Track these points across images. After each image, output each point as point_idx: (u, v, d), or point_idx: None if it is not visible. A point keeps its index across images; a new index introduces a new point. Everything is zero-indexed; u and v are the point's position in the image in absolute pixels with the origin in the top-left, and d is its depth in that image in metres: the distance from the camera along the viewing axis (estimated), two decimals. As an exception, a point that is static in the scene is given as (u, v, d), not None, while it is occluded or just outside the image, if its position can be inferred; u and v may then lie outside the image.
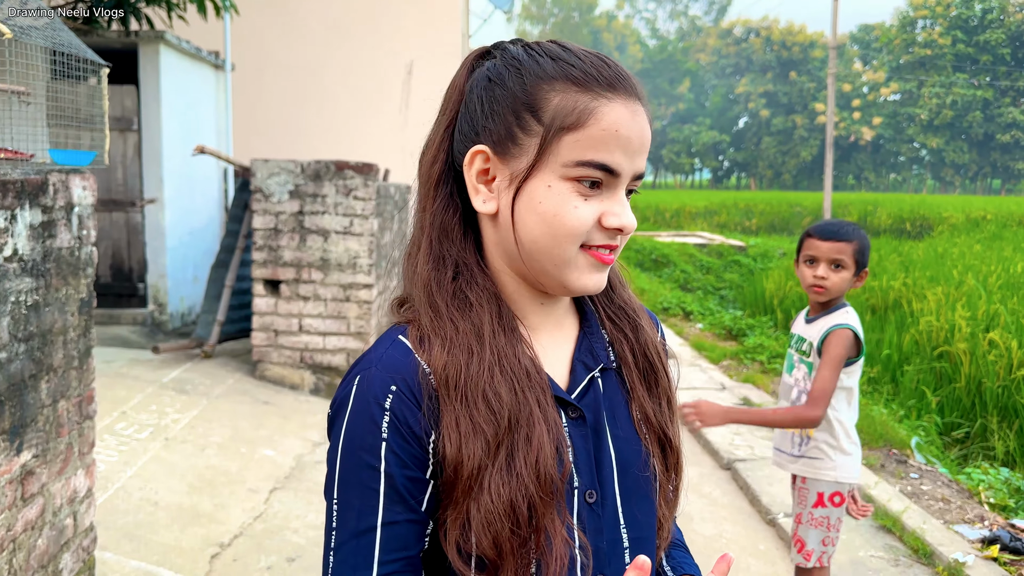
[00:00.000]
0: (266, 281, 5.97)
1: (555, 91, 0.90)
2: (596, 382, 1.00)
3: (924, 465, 5.22)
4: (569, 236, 0.90)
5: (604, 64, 0.92)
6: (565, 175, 0.89)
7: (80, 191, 2.42)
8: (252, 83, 10.03)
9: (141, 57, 7.25)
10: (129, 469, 4.11)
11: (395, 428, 0.88)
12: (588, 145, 0.88)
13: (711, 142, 69.69)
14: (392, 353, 0.93)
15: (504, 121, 0.92)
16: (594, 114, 0.89)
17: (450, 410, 0.89)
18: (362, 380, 0.91)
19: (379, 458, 0.88)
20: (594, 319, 1.05)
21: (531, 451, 0.89)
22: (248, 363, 6.22)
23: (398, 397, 0.89)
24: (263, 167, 5.89)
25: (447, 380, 0.90)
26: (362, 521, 0.88)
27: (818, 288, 2.63)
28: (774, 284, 11.92)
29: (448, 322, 0.93)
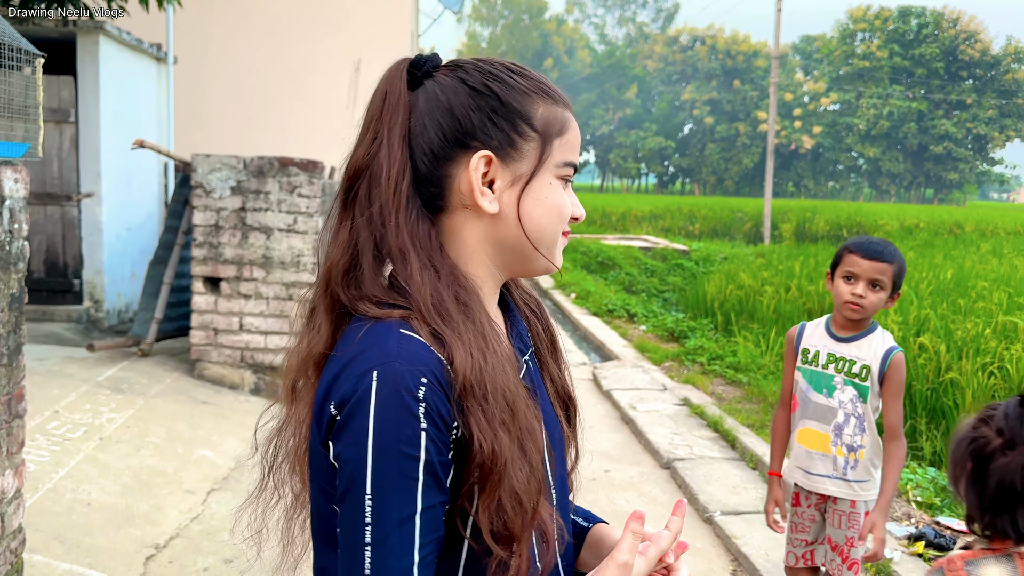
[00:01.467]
0: (206, 279, 5.87)
1: (537, 104, 1.05)
2: (529, 365, 1.11)
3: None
4: (564, 219, 1.08)
5: (557, 93, 1.10)
6: (557, 174, 1.06)
7: (12, 183, 2.36)
8: (195, 77, 9.85)
9: (79, 47, 7.07)
10: (61, 469, 4.00)
11: (431, 418, 0.92)
12: (568, 149, 1.07)
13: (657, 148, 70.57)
14: (410, 347, 0.95)
15: (504, 129, 1.03)
16: (568, 123, 1.07)
17: (476, 408, 0.94)
18: (384, 374, 0.92)
19: (419, 448, 0.91)
20: (515, 308, 1.16)
21: (532, 436, 0.99)
22: (187, 362, 6.11)
23: (430, 388, 0.92)
24: (204, 162, 5.79)
25: (472, 380, 0.95)
26: (403, 510, 0.91)
27: (855, 306, 2.60)
28: (715, 288, 12.14)
29: (460, 325, 0.98)
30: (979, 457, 1.44)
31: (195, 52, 9.72)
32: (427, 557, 0.93)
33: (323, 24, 10.72)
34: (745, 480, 4.86)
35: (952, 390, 6.40)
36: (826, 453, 2.73)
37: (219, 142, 9.59)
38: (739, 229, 28.48)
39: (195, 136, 9.43)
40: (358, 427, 0.91)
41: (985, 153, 66.33)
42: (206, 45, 10.07)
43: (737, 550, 3.98)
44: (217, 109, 10.26)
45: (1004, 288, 9.97)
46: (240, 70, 10.37)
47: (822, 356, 2.74)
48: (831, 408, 2.72)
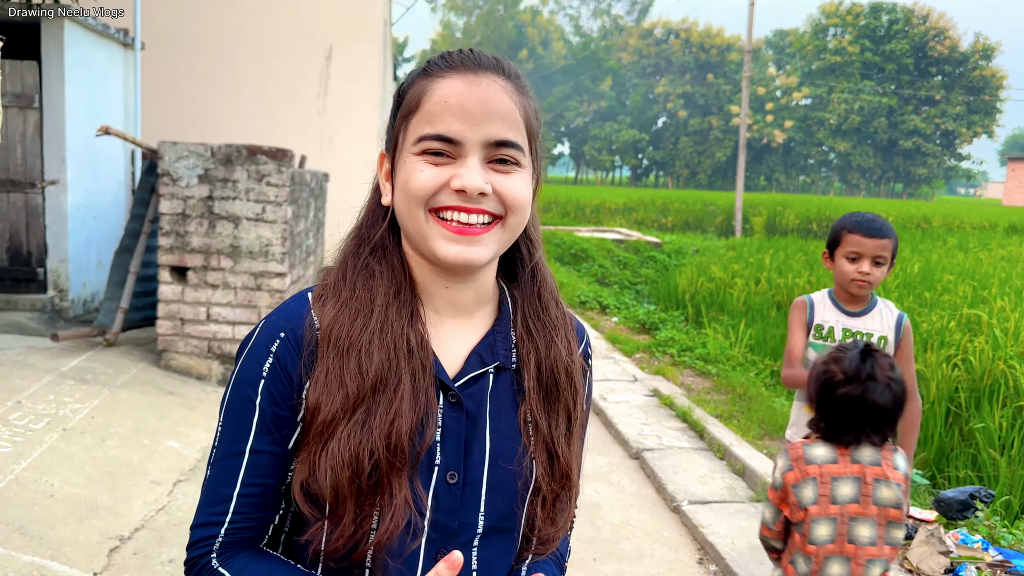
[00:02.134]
0: (172, 268, 5.80)
1: (412, 87, 1.02)
2: (487, 377, 1.06)
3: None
4: (415, 198, 0.99)
5: (455, 52, 1.03)
6: (414, 152, 0.99)
7: (-31, 168, 2.31)
8: (162, 63, 9.71)
9: (44, 32, 6.93)
10: (23, 460, 3.94)
11: (275, 370, 0.99)
12: (425, 121, 0.99)
13: (631, 140, 70.77)
14: (291, 305, 1.04)
15: (389, 125, 1.07)
16: (427, 92, 0.99)
17: (324, 362, 0.98)
18: (263, 325, 1.03)
19: (256, 393, 1.00)
20: (507, 319, 1.10)
21: (388, 415, 0.96)
22: (153, 352, 6.03)
23: (283, 344, 1.00)
24: (171, 150, 5.71)
25: (329, 334, 0.99)
26: (235, 444, 1.00)
27: (862, 283, 2.68)
28: (687, 280, 12.22)
29: (348, 285, 1.03)
30: (826, 384, 2.14)
31: (163, 38, 9.58)
32: (249, 496, 1.00)
33: (294, 12, 10.60)
34: (712, 470, 4.90)
35: (919, 381, 6.50)
36: None
37: (187, 130, 9.47)
38: (711, 222, 28.67)
39: (162, 123, 9.31)
40: (236, 363, 1.04)
41: (953, 149, 67.29)
42: (174, 31, 9.92)
43: (704, 539, 4.02)
44: (185, 96, 10.12)
45: (969, 281, 10.14)
46: (209, 57, 10.24)
47: (837, 331, 2.78)
48: None
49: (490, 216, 0.99)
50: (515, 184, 1.00)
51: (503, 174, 0.99)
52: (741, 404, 6.20)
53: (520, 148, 1.00)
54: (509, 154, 0.99)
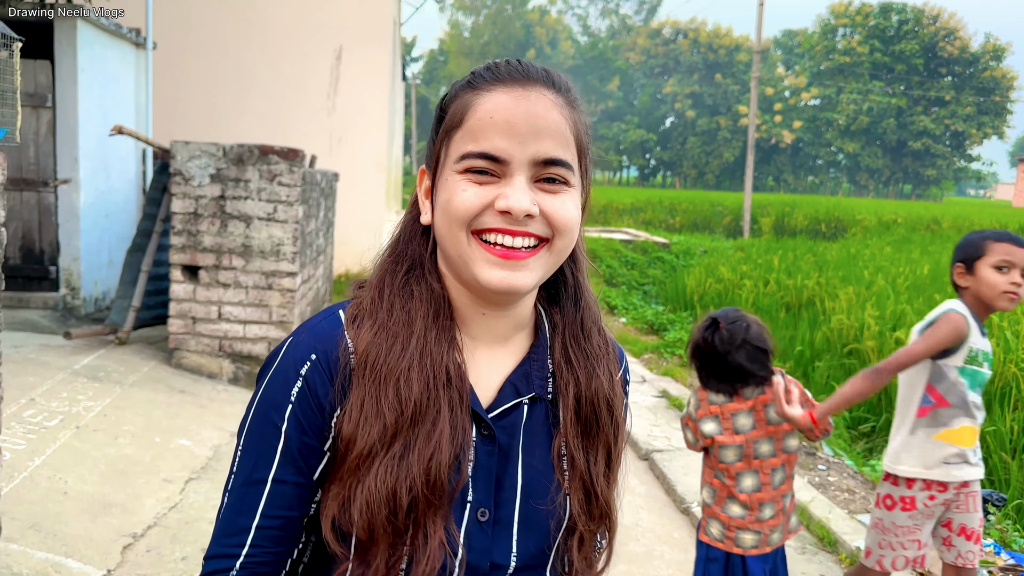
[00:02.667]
0: (184, 267, 5.82)
1: (455, 100, 0.96)
2: (521, 408, 1.00)
3: (832, 457, 5.44)
4: (457, 218, 0.92)
5: (502, 63, 0.96)
6: (456, 170, 0.93)
7: (-11, 168, 2.33)
8: (174, 63, 9.75)
9: (57, 31, 6.97)
10: (37, 458, 3.97)
11: (304, 395, 0.93)
12: (468, 137, 0.92)
13: (639, 140, 70.69)
14: (323, 325, 0.97)
15: (431, 140, 1.01)
16: (472, 107, 0.93)
17: (360, 388, 0.92)
18: (291, 344, 0.96)
19: (283, 419, 0.93)
20: (544, 347, 1.04)
21: (427, 448, 0.90)
22: (164, 351, 6.06)
23: (314, 367, 0.93)
24: (183, 149, 5.74)
25: (366, 359, 0.93)
26: (256, 472, 0.94)
27: (1013, 295, 2.55)
28: (695, 281, 12.20)
29: (386, 307, 0.97)
30: (701, 352, 2.63)
31: (174, 38, 9.61)
32: (268, 528, 0.94)
33: (304, 11, 10.63)
34: (722, 472, 4.90)
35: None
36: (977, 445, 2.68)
37: (198, 129, 9.51)
38: (719, 223, 28.61)
39: (174, 122, 9.34)
40: (259, 384, 0.97)
41: (963, 150, 67.02)
42: (185, 31, 9.96)
43: (714, 541, 4.02)
44: (196, 95, 10.16)
45: (979, 284, 10.08)
46: (220, 57, 10.27)
47: (980, 357, 2.62)
48: (979, 402, 2.66)
49: (536, 239, 0.93)
50: (563, 205, 0.94)
51: (551, 194, 0.93)
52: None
53: (570, 167, 0.94)
54: (558, 173, 0.93)
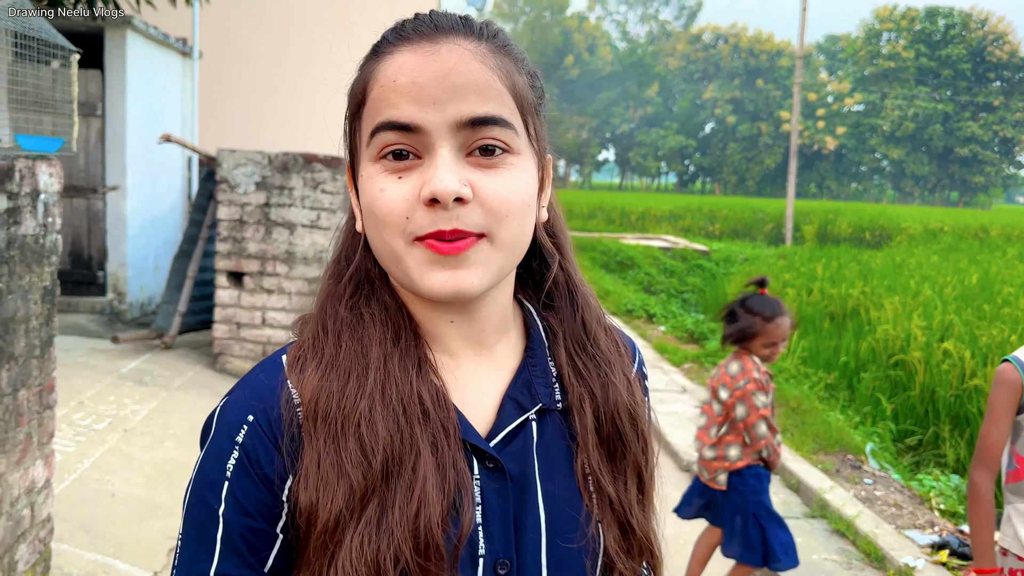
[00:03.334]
0: (229, 273, 5.91)
1: (359, 74, 0.80)
2: (529, 426, 0.82)
3: (878, 471, 5.33)
4: (385, 228, 0.74)
5: (409, 20, 0.78)
6: (371, 157, 0.75)
7: (46, 178, 2.39)
8: (220, 71, 9.91)
9: (107, 42, 7.13)
10: (86, 460, 4.04)
11: (243, 468, 0.75)
12: (373, 111, 0.75)
13: (677, 146, 70.29)
14: (260, 376, 0.79)
15: (345, 128, 0.84)
16: (373, 75, 0.76)
17: (313, 447, 0.74)
18: (225, 405, 0.78)
19: (219, 500, 0.75)
20: (540, 347, 0.86)
21: (410, 504, 0.72)
22: (209, 355, 6.15)
23: (253, 431, 0.75)
24: (230, 157, 5.83)
25: (315, 409, 0.75)
26: (195, 567, 0.76)
27: None
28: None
29: (332, 339, 0.79)
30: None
31: (220, 47, 9.78)
32: None
33: (345, 20, 10.75)
34: (766, 484, 4.82)
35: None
36: None
37: (242, 137, 9.65)
38: (760, 230, 28.31)
39: (218, 130, 9.50)
40: (198, 459, 0.79)
41: (1012, 156, 65.56)
42: (231, 40, 10.13)
43: (758, 555, 3.96)
44: (241, 104, 10.32)
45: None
46: (264, 65, 10.43)
47: None
48: None
49: (471, 234, 0.73)
50: (504, 183, 0.73)
51: (488, 169, 0.73)
52: (795, 418, 6.10)
53: (508, 124, 0.74)
54: (495, 137, 0.73)
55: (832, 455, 5.43)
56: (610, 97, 72.94)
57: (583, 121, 71.89)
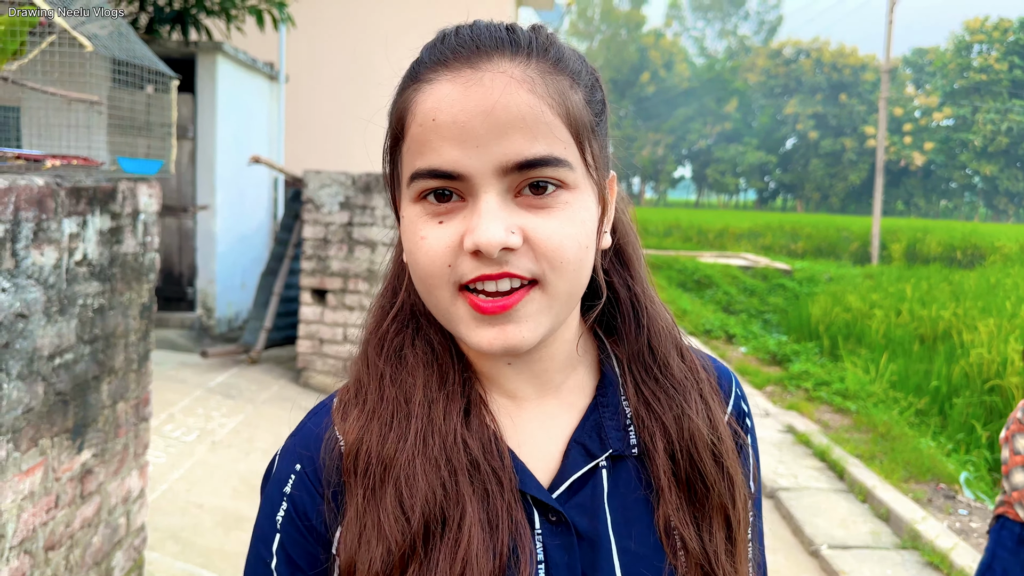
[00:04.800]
0: (313, 290, 6.05)
1: (398, 98, 0.72)
2: (599, 474, 0.74)
3: (973, 502, 5.09)
4: (428, 278, 0.68)
5: (449, 34, 0.71)
6: (411, 197, 0.69)
7: (146, 199, 2.49)
8: (305, 94, 10.20)
9: (199, 67, 7.42)
10: (176, 471, 4.18)
11: (291, 520, 0.72)
12: (413, 151, 0.68)
13: (757, 163, 69.08)
14: (309, 423, 0.76)
15: (384, 152, 0.78)
16: (411, 110, 0.69)
17: (354, 501, 0.70)
18: (279, 455, 0.76)
19: (271, 554, 0.73)
20: (613, 387, 0.78)
21: (453, 568, 0.66)
22: (292, 370, 6.29)
23: (300, 480, 0.73)
24: (315, 178, 5.98)
25: (355, 460, 0.71)
26: None
27: None
28: (820, 309, 11.75)
29: (374, 384, 0.74)
30: None
31: (305, 70, 10.08)
32: None
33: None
34: (854, 513, 4.66)
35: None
36: None
37: (326, 157, 9.90)
38: (845, 248, 27.52)
39: (304, 152, 9.77)
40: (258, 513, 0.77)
41: (1115, 171, 62.22)
42: (316, 64, 10.42)
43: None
44: (326, 125, 10.59)
45: None
46: (348, 88, 10.68)
47: None
48: None
49: (521, 280, 0.66)
50: (559, 226, 0.66)
51: (539, 210, 0.66)
52: (884, 444, 5.88)
53: (561, 163, 0.66)
54: (547, 176, 0.66)
55: (924, 484, 5.21)
56: (687, 113, 72.26)
57: (659, 138, 71.41)
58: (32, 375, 1.93)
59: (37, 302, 1.93)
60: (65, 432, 2.12)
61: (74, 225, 2.08)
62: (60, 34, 2.24)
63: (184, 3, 5.97)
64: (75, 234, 2.09)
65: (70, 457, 2.14)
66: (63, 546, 2.15)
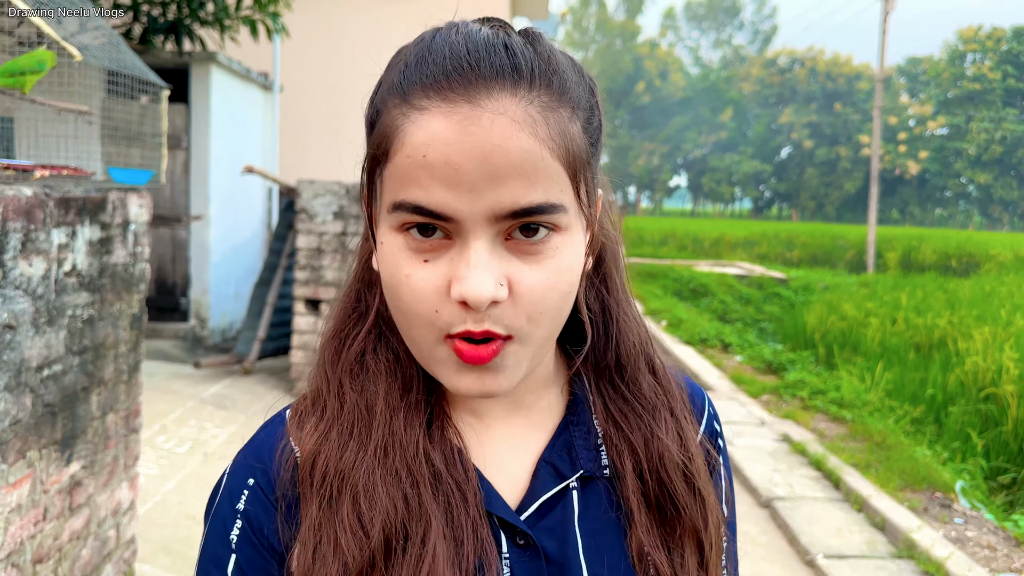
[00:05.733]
0: (307, 300, 6.03)
1: (385, 109, 0.65)
2: (570, 495, 0.71)
3: (969, 510, 5.08)
4: (412, 318, 0.63)
5: (442, 53, 0.62)
6: (391, 225, 0.63)
7: (136, 209, 2.48)
8: (300, 104, 10.21)
9: (193, 77, 7.43)
10: (168, 483, 4.15)
11: (248, 538, 0.67)
12: (397, 180, 0.62)
13: (752, 171, 69.29)
14: (261, 433, 0.73)
15: (365, 158, 0.70)
16: (398, 135, 0.62)
17: (309, 514, 0.66)
18: (229, 470, 0.72)
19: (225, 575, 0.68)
20: (583, 406, 0.75)
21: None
22: (286, 380, 6.27)
23: (254, 495, 0.68)
24: (309, 188, 5.97)
25: (311, 471, 0.67)
26: None
27: None
28: (816, 318, 11.75)
29: (333, 393, 0.71)
30: None
31: (300, 81, 10.09)
32: None
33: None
34: (850, 522, 4.64)
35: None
36: None
37: (320, 167, 9.90)
38: (840, 257, 27.58)
39: (298, 162, 9.77)
40: (202, 535, 0.72)
41: (1108, 179, 62.51)
42: (310, 74, 10.43)
43: (842, 596, 3.80)
44: (320, 136, 10.59)
45: None
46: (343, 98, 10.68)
47: None
48: None
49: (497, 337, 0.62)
50: (545, 276, 0.63)
51: (529, 256, 0.62)
52: (880, 453, 5.87)
53: (556, 208, 0.62)
54: (539, 221, 0.62)
55: (919, 492, 5.20)
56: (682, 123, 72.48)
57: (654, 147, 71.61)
58: (20, 386, 1.91)
59: (25, 313, 1.92)
60: (54, 444, 2.10)
61: (63, 235, 2.06)
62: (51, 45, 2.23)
63: (178, 13, 5.98)
64: (64, 244, 2.07)
65: (58, 469, 2.13)
66: (51, 559, 2.13)
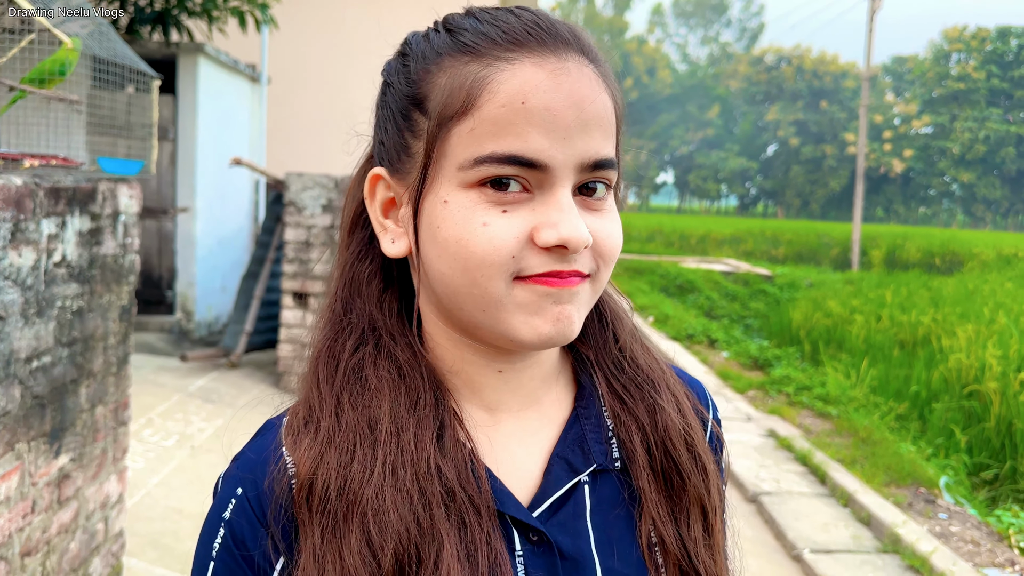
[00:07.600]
0: (295, 294, 6.00)
1: (443, 70, 0.65)
2: (581, 490, 0.70)
3: (953, 506, 5.13)
4: (484, 268, 0.62)
5: (509, 17, 0.65)
6: (464, 182, 0.63)
7: (126, 200, 2.45)
8: (287, 96, 10.15)
9: (180, 68, 7.37)
10: (155, 476, 4.13)
11: (228, 549, 0.66)
12: (486, 132, 0.62)
13: (739, 169, 69.54)
14: (252, 444, 0.71)
15: (394, 128, 0.69)
16: (487, 87, 0.62)
17: (310, 542, 0.63)
18: (223, 478, 0.71)
19: None
20: (592, 396, 0.74)
21: None
22: (273, 374, 6.25)
23: (240, 506, 0.66)
24: (297, 181, 5.94)
25: (310, 492, 0.64)
26: None
27: None
28: (801, 315, 11.82)
29: (329, 407, 0.68)
30: None
31: (288, 72, 10.03)
32: None
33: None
34: (836, 517, 4.68)
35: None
36: None
37: (308, 160, 9.85)
38: (826, 254, 27.74)
39: (286, 154, 9.72)
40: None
41: (1090, 179, 63.15)
42: (298, 66, 10.37)
43: (828, 591, 3.83)
44: (308, 128, 10.54)
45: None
46: (331, 90, 10.64)
47: None
48: None
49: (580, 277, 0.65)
50: (612, 226, 0.67)
51: (596, 213, 0.66)
52: (865, 448, 5.91)
53: (614, 166, 0.66)
54: (606, 177, 0.66)
55: (904, 488, 5.24)
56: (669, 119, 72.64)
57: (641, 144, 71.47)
58: (8, 378, 1.90)
59: (14, 303, 1.90)
60: (42, 436, 2.08)
61: (53, 226, 2.04)
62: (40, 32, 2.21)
63: (165, 3, 5.92)
64: (54, 235, 2.05)
65: (47, 461, 2.11)
66: (39, 552, 2.11)
